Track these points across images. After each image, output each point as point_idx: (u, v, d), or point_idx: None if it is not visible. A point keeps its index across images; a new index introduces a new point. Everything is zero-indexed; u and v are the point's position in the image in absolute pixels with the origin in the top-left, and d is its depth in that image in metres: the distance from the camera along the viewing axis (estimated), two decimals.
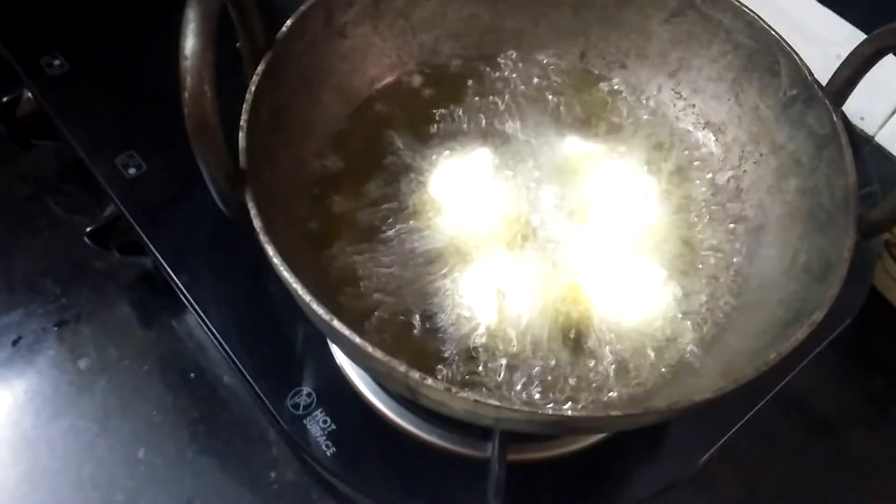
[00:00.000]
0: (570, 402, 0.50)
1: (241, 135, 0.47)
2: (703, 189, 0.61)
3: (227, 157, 0.43)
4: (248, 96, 0.49)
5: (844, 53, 0.54)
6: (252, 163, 0.47)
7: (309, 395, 0.59)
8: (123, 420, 0.68)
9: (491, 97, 0.65)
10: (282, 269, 0.42)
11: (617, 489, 0.58)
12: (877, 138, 0.77)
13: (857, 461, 0.69)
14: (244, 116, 0.48)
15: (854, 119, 0.77)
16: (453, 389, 0.39)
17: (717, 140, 0.63)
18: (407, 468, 0.58)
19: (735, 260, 0.57)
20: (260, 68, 0.50)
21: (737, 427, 0.60)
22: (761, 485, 0.67)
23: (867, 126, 0.78)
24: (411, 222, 0.58)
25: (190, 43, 0.39)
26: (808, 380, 0.64)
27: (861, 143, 0.77)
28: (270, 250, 0.43)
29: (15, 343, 0.72)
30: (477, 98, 0.65)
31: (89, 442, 0.66)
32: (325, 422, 0.58)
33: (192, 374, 0.70)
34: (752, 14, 0.58)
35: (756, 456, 0.67)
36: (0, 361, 0.71)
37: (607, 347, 0.52)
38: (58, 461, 0.65)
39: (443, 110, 0.64)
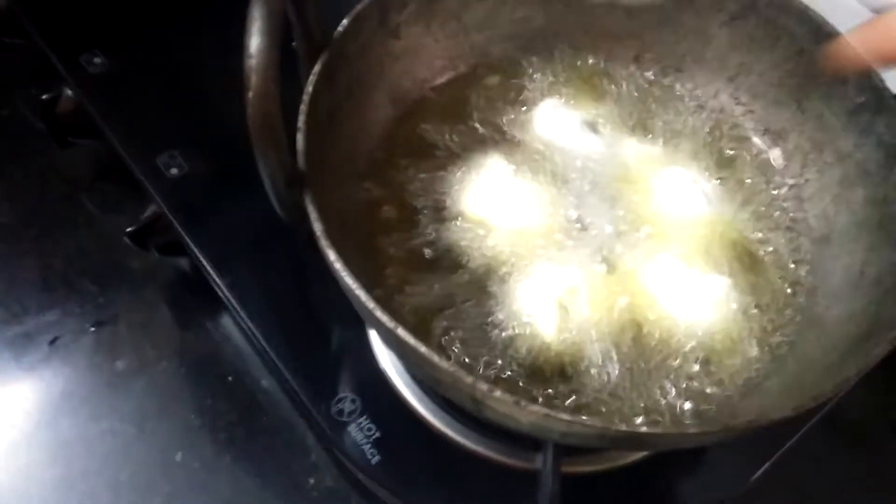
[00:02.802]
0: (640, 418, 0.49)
1: (300, 136, 0.46)
2: (764, 198, 0.59)
3: (289, 157, 0.42)
4: (306, 97, 0.48)
5: None
6: (309, 165, 0.46)
7: (353, 401, 0.58)
8: (161, 422, 0.67)
9: (545, 100, 0.64)
10: (344, 274, 0.41)
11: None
12: None
13: None
14: (302, 117, 0.47)
15: None
16: (522, 402, 0.38)
17: (778, 147, 0.61)
18: (453, 478, 0.57)
19: (800, 272, 0.55)
20: (317, 68, 0.49)
21: (788, 445, 0.59)
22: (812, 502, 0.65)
23: None
24: (462, 230, 0.56)
25: (255, 41, 0.38)
26: (856, 396, 0.63)
27: None
28: (332, 255, 0.42)
29: (52, 343, 0.71)
30: (529, 101, 0.64)
31: (127, 444, 0.65)
32: (369, 429, 0.57)
33: (230, 378, 0.69)
34: (819, 18, 0.56)
35: (806, 473, 0.65)
36: (37, 361, 0.70)
37: (671, 361, 0.51)
38: (95, 463, 0.65)
39: (494, 114, 0.63)
